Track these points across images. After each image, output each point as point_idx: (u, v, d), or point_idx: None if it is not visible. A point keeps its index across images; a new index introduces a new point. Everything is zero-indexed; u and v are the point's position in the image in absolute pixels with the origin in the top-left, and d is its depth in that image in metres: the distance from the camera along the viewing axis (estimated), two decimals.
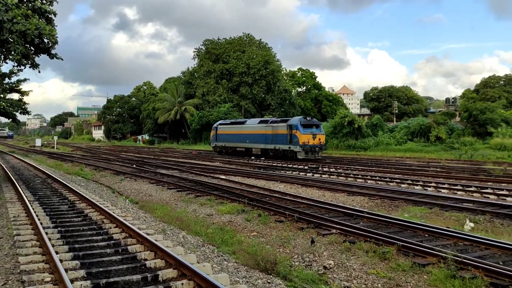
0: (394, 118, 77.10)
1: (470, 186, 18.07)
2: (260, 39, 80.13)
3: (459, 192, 16.69)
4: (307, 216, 11.14)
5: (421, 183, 19.22)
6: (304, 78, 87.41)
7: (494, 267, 6.62)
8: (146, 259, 7.32)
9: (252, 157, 37.69)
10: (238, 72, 72.97)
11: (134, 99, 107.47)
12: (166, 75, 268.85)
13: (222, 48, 76.45)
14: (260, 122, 39.09)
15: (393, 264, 7.35)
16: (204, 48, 79.79)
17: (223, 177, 21.84)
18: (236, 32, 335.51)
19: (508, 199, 14.93)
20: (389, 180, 20.71)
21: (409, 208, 13.41)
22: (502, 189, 17.09)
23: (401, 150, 45.87)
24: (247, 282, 6.74)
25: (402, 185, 18.92)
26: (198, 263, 7.28)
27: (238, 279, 6.84)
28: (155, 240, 7.98)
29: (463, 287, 6.18)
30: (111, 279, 6.23)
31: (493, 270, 6.49)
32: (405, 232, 9.67)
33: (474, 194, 16.17)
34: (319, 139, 34.09)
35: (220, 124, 45.04)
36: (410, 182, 19.68)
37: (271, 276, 7.06)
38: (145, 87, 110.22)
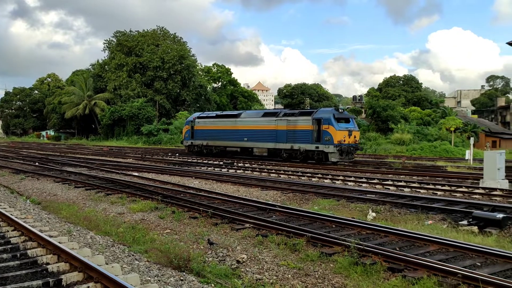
0: None
1: (374, 179, 19.37)
2: (175, 33, 78.80)
3: (363, 185, 17.81)
4: (221, 211, 11.19)
5: (330, 176, 20.21)
6: (219, 74, 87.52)
7: (391, 253, 7.18)
8: (48, 263, 6.86)
9: (245, 161, 31.18)
10: (152, 66, 71.05)
11: (37, 92, 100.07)
12: (73, 67, 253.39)
13: (135, 40, 73.89)
14: (266, 114, 31.43)
15: (303, 255, 7.65)
16: (115, 40, 76.49)
17: (136, 174, 21.17)
18: (150, 25, 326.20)
19: (406, 189, 16.25)
20: (301, 174, 21.51)
21: (319, 200, 14.03)
22: (401, 181, 18.57)
23: None
24: (159, 281, 6.61)
25: (313, 179, 19.75)
26: (107, 264, 6.98)
27: (149, 278, 6.68)
28: (59, 243, 7.50)
29: (365, 272, 6.62)
30: (8, 286, 5.75)
31: (390, 255, 7.03)
32: (314, 224, 10.11)
33: (377, 186, 17.37)
34: (355, 137, 27.63)
35: (199, 117, 36.86)
36: (320, 176, 20.61)
37: (184, 273, 7.00)
38: (49, 80, 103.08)
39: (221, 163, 28.71)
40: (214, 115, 36.20)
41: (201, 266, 7.20)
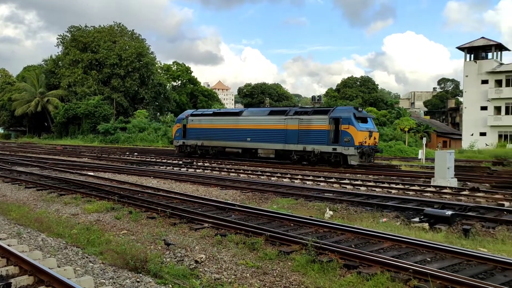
0: None
1: (331, 178, 19.77)
2: (133, 30, 77.24)
3: (321, 184, 18.14)
4: (180, 211, 11.08)
5: (289, 175, 20.44)
6: (179, 72, 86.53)
7: (347, 250, 7.35)
8: None
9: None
10: (109, 63, 69.29)
11: None
12: (24, 63, 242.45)
13: (91, 36, 71.78)
14: (273, 113, 28.71)
15: (261, 253, 7.69)
16: (69, 36, 74.06)
17: (92, 173, 20.59)
18: (106, 21, 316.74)
19: (362, 188, 16.68)
20: (261, 173, 21.63)
21: (278, 199, 14.16)
22: (357, 180, 19.05)
23: None
24: (114, 283, 6.46)
25: (272, 178, 19.91)
26: (59, 267, 6.75)
27: (104, 280, 6.52)
28: (8, 245, 7.18)
29: (321, 270, 6.74)
30: None
31: (346, 253, 7.20)
32: (273, 222, 10.19)
33: (334, 185, 17.73)
34: (374, 138, 25.71)
35: (192, 115, 33.65)
36: (280, 175, 20.81)
37: (141, 275, 6.87)
38: None
39: (181, 162, 28.40)
40: (211, 112, 33.53)
41: (159, 267, 7.10)
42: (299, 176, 20.10)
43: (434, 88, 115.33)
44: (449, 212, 10.74)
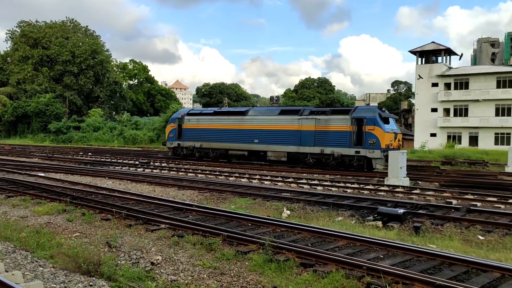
0: None
1: (289, 178, 19.99)
2: (87, 26, 74.97)
3: (279, 183, 18.30)
4: (136, 212, 10.86)
5: (247, 175, 20.48)
6: (136, 71, 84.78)
7: (304, 249, 7.46)
8: None
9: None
10: (62, 60, 66.90)
11: None
12: None
13: (42, 32, 69.07)
14: (285, 112, 26.40)
15: (219, 254, 7.66)
16: (19, 31, 70.91)
17: (42, 174, 19.80)
18: (58, 16, 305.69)
19: (319, 188, 16.97)
20: (219, 173, 21.55)
21: (236, 199, 14.16)
22: (314, 179, 19.36)
23: None
24: (66, 287, 6.24)
25: (230, 178, 19.89)
26: (7, 272, 6.44)
27: (54, 285, 6.28)
28: None
29: (278, 269, 6.80)
30: None
31: (303, 251, 7.30)
32: (231, 223, 10.18)
33: (292, 185, 17.93)
34: (399, 141, 24.21)
35: (189, 114, 30.79)
36: (238, 175, 20.82)
37: (94, 278, 6.68)
38: None
39: (137, 162, 27.84)
40: (212, 111, 30.39)
41: (113, 270, 6.92)
42: (257, 176, 20.19)
43: (388, 90, 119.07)
44: (401, 211, 11.13)
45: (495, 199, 14.19)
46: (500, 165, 27.12)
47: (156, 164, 27.05)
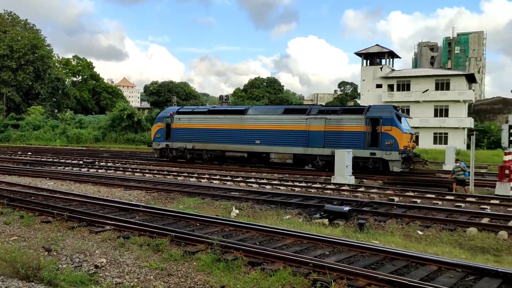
0: None
1: (238, 177, 20.02)
2: (26, 20, 71.20)
3: (228, 183, 18.29)
4: (79, 213, 10.47)
5: (196, 175, 20.30)
6: (80, 67, 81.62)
7: (252, 247, 7.50)
8: None
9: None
10: None
11: None
12: None
13: None
14: (290, 111, 24.78)
15: (166, 255, 7.54)
16: None
17: None
18: None
19: (267, 187, 17.12)
20: (167, 173, 21.21)
21: (184, 199, 14.01)
22: (263, 179, 19.52)
23: None
24: None
25: (179, 178, 19.63)
26: None
27: None
28: None
29: (227, 268, 6.79)
30: None
31: (251, 250, 7.34)
32: (179, 223, 10.05)
33: (241, 184, 17.97)
34: (414, 142, 23.15)
35: (180, 112, 28.37)
36: (186, 174, 20.58)
37: (33, 284, 6.36)
38: None
39: (81, 162, 26.84)
40: (206, 110, 28.08)
41: (53, 274, 6.62)
42: (206, 176, 20.07)
43: (335, 91, 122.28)
44: (346, 208, 11.46)
45: (433, 195, 14.94)
46: (438, 163, 28.59)
47: (101, 163, 26.20)
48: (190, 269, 6.92)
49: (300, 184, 17.62)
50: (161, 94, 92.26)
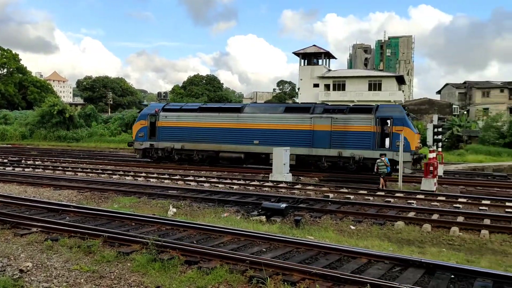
0: (109, 109, 76.63)
1: (176, 175, 19.72)
2: None
3: (166, 181, 17.97)
4: (2, 215, 9.79)
5: (132, 173, 19.75)
6: (4, 59, 76.32)
7: (189, 246, 7.42)
8: None
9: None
10: None
11: None
12: None
13: None
14: (292, 110, 23.39)
15: (98, 256, 7.26)
16: None
17: None
18: None
19: (206, 184, 17.03)
20: (101, 171, 20.46)
21: (119, 198, 13.58)
22: (201, 176, 19.38)
23: (115, 141, 46.06)
24: None
25: (114, 176, 19.01)
26: None
27: None
28: None
29: (162, 268, 6.66)
30: None
31: (188, 249, 7.26)
32: (113, 223, 9.72)
33: (179, 182, 17.72)
34: (420, 142, 22.48)
35: (166, 109, 25.96)
36: (122, 173, 19.97)
37: None
38: None
39: (5, 160, 25.16)
40: (197, 107, 26.01)
41: None
42: (143, 174, 19.59)
43: (274, 89, 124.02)
44: (283, 205, 11.68)
45: (365, 191, 15.61)
46: None
47: (28, 162, 24.72)
48: (124, 271, 6.71)
49: (239, 182, 17.70)
50: (95, 90, 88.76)
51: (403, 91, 61.13)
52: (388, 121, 20.77)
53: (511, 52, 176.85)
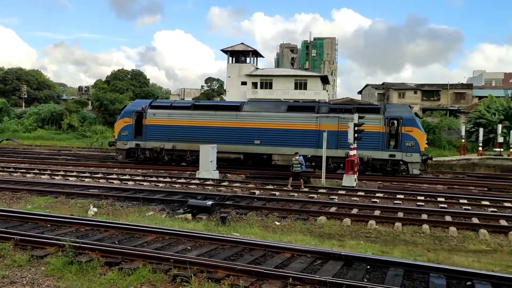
0: (23, 103, 71.50)
1: (98, 173, 18.89)
2: None
3: (86, 179, 17.15)
4: None
5: (49, 172, 18.63)
6: None
7: (109, 247, 7.14)
8: None
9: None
10: None
11: None
12: None
13: None
14: (294, 109, 22.22)
15: (9, 261, 6.76)
16: None
17: None
18: None
19: (130, 183, 16.50)
20: (13, 170, 19.06)
21: (33, 199, 12.76)
22: (126, 174, 18.74)
23: (30, 138, 43.17)
24: None
25: (28, 175, 17.80)
26: None
27: None
28: None
29: (80, 271, 6.34)
30: None
31: (108, 250, 6.98)
32: (26, 224, 9.11)
33: (101, 180, 17.00)
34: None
35: (154, 106, 23.97)
36: (37, 171, 18.76)
37: None
38: None
39: None
40: (190, 104, 24.09)
41: None
42: (61, 172, 18.54)
43: (202, 86, 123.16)
44: (209, 202, 11.63)
45: (290, 188, 16.00)
46: None
47: None
48: (37, 275, 6.30)
49: (165, 180, 17.36)
50: (7, 82, 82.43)
51: (327, 90, 63.55)
52: (397, 122, 20.65)
53: (423, 57, 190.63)
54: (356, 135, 17.36)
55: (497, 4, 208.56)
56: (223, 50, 56.45)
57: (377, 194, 14.89)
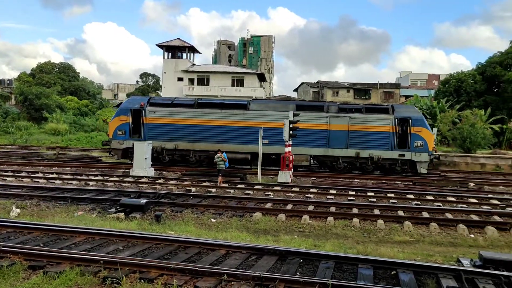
0: None
1: (22, 172, 17.78)
2: None
3: (9, 178, 16.08)
4: None
5: None
6: None
7: (33, 250, 6.73)
8: None
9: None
10: None
11: None
12: None
13: None
14: (302, 108, 21.51)
15: None
16: None
17: None
18: None
19: (57, 182, 15.68)
20: None
21: None
22: (53, 173, 17.78)
23: None
24: None
25: None
26: None
27: None
28: None
29: (1, 276, 5.92)
30: None
31: (32, 253, 6.57)
32: None
33: (25, 180, 16.02)
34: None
35: (153, 104, 22.72)
36: None
37: None
38: None
39: None
40: (193, 102, 22.88)
41: None
42: None
43: (137, 81, 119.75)
44: (143, 201, 11.34)
45: (227, 185, 16.01)
46: None
47: None
48: None
49: (96, 178, 16.69)
50: None
51: (264, 88, 64.25)
52: (406, 122, 21.07)
53: (355, 57, 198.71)
54: (291, 132, 17.72)
55: (422, 10, 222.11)
56: (158, 45, 55.21)
57: (311, 190, 15.29)
